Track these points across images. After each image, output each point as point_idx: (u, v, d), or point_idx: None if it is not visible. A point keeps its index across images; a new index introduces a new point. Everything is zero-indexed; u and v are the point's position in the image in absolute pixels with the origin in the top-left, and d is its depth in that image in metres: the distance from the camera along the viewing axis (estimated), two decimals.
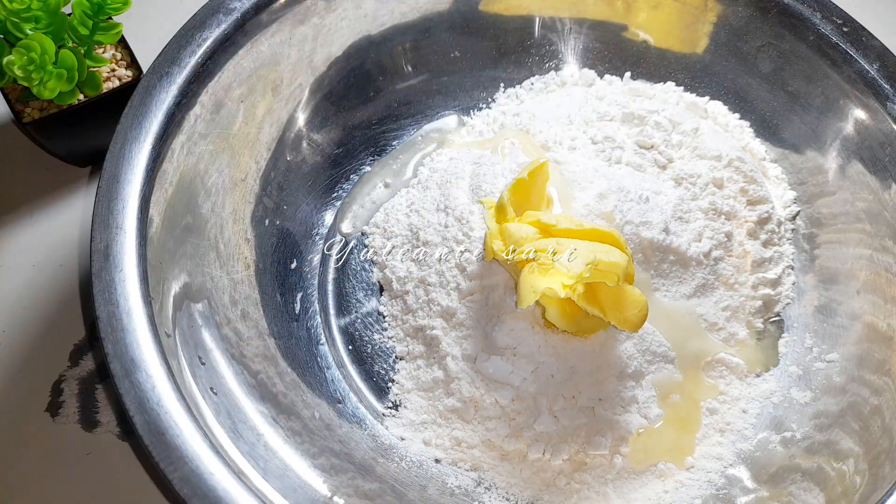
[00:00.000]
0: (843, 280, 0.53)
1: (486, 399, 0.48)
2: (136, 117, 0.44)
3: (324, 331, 0.53)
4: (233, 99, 0.50)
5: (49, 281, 0.55)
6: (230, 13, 0.49)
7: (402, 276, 0.53)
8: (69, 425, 0.50)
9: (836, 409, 0.49)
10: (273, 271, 0.53)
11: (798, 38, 0.56)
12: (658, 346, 0.50)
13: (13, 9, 0.48)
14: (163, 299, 0.41)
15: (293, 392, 0.48)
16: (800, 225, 0.57)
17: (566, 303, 0.46)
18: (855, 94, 0.54)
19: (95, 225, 0.40)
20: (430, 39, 0.61)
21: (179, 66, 0.46)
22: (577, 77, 0.63)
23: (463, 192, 0.54)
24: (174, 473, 0.35)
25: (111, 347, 0.37)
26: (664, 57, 0.62)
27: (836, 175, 0.55)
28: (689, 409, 0.51)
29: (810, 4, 0.56)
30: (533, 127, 0.58)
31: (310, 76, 0.56)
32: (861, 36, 0.54)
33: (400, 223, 0.56)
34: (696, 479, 0.48)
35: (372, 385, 0.52)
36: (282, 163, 0.55)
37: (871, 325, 0.50)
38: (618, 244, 0.46)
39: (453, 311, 0.50)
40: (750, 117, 0.60)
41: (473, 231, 0.51)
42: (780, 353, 0.53)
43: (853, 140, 0.54)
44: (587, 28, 0.62)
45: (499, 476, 0.48)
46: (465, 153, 0.59)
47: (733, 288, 0.53)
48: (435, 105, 0.62)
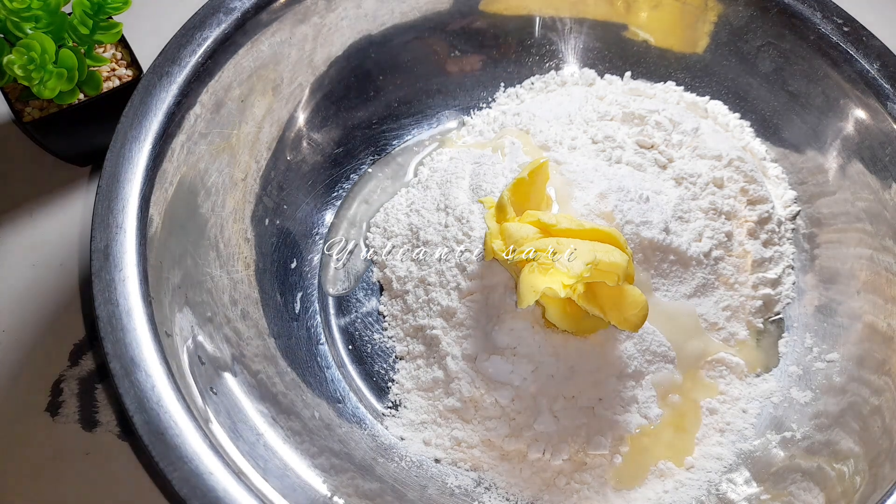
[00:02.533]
0: (844, 280, 0.53)
1: (486, 399, 0.48)
2: (136, 117, 0.44)
3: (324, 330, 0.53)
4: (233, 98, 0.50)
5: (49, 280, 0.55)
6: (230, 13, 0.49)
7: (402, 275, 0.53)
8: (69, 425, 0.50)
9: (836, 410, 0.49)
10: (273, 271, 0.53)
11: (799, 37, 0.56)
12: (658, 345, 0.50)
13: (13, 8, 0.48)
14: (163, 299, 0.41)
15: (293, 392, 0.48)
16: (800, 224, 0.57)
17: (566, 303, 0.46)
18: (855, 93, 0.54)
19: (95, 224, 0.40)
20: (430, 39, 0.61)
21: (180, 65, 0.46)
22: (577, 76, 0.63)
23: (463, 191, 0.54)
24: (174, 473, 0.35)
25: (111, 347, 0.37)
26: (664, 56, 0.62)
27: (837, 175, 0.55)
28: (689, 409, 0.51)
29: (811, 4, 0.56)
30: (533, 127, 0.58)
31: (310, 75, 0.56)
32: (862, 35, 0.54)
33: (400, 223, 0.56)
34: (696, 479, 0.48)
35: (372, 385, 0.52)
36: (282, 162, 0.55)
37: (872, 325, 0.50)
38: (618, 244, 0.46)
39: (453, 311, 0.50)
40: (750, 117, 0.60)
41: (473, 231, 0.51)
42: (780, 353, 0.53)
43: (853, 140, 0.54)
44: (587, 27, 0.62)
45: (499, 476, 0.48)
46: (465, 153, 0.59)
47: (733, 288, 0.53)
48: (435, 104, 0.62)
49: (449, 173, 0.56)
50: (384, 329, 0.54)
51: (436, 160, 0.60)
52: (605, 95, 0.60)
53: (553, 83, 0.63)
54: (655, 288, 0.51)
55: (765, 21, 0.57)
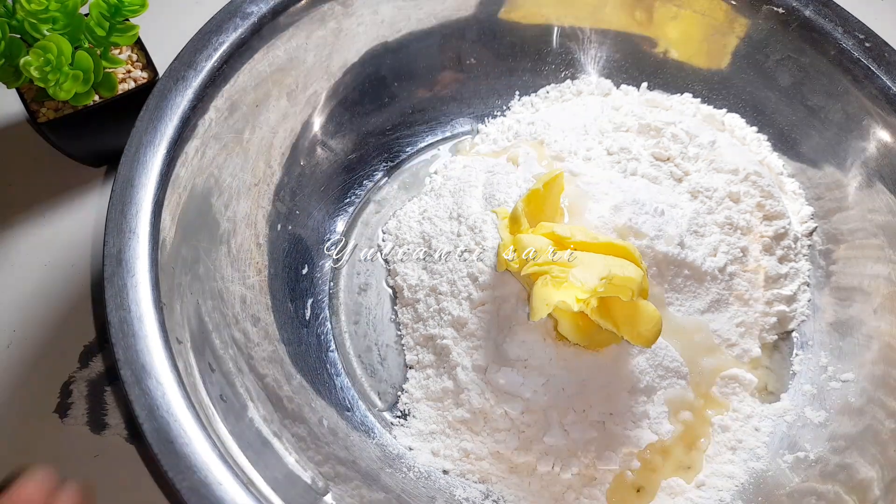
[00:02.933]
0: (860, 298, 0.53)
1: (495, 410, 0.48)
2: (151, 121, 0.43)
3: (334, 337, 0.53)
4: (248, 103, 0.50)
5: (60, 281, 0.55)
6: (247, 17, 0.49)
7: (413, 283, 0.53)
8: (77, 427, 0.50)
9: (852, 431, 0.48)
10: (284, 277, 0.53)
11: (819, 52, 0.55)
12: (671, 361, 0.49)
13: (31, 10, 0.48)
14: (174, 305, 0.41)
15: (301, 398, 0.48)
16: (816, 241, 0.57)
17: (579, 316, 0.46)
18: (876, 110, 0.53)
19: (109, 229, 0.40)
20: (446, 46, 0.60)
21: (195, 69, 0.46)
22: (593, 86, 0.62)
23: (476, 200, 0.54)
24: (183, 483, 0.35)
25: (122, 353, 0.37)
26: (682, 68, 0.61)
27: (854, 191, 0.55)
28: (701, 426, 0.50)
29: (832, 19, 0.55)
30: (548, 137, 0.57)
31: (325, 81, 0.56)
32: (884, 52, 0.53)
33: (412, 230, 0.56)
34: (706, 498, 0.48)
35: (381, 393, 0.51)
36: (295, 168, 0.55)
37: (890, 346, 0.50)
38: (633, 258, 0.46)
39: (464, 321, 0.50)
40: (768, 131, 0.59)
41: (486, 240, 0.51)
42: (795, 371, 0.53)
43: (872, 156, 0.54)
44: (605, 38, 0.62)
45: (507, 489, 0.48)
46: (478, 161, 0.58)
47: (748, 304, 0.53)
48: (450, 112, 0.62)
49: (462, 182, 0.56)
50: (396, 337, 0.53)
51: (449, 168, 0.59)
52: (620, 106, 0.59)
53: (568, 92, 0.62)
54: (669, 302, 0.51)
55: (785, 35, 0.56)
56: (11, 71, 0.50)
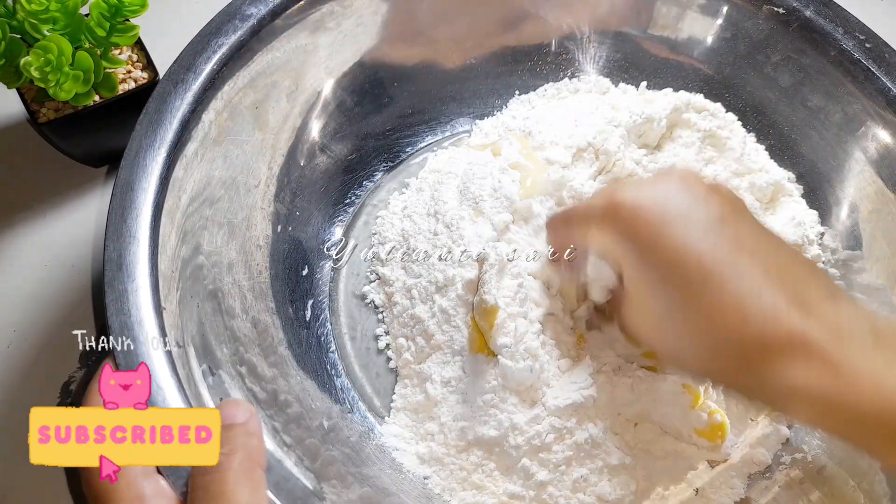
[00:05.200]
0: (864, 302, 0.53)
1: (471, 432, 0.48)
2: (150, 125, 0.43)
3: (334, 338, 0.53)
4: (247, 105, 0.50)
5: (61, 281, 0.55)
6: (246, 19, 0.49)
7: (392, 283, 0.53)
8: None
9: None
10: (284, 278, 0.53)
11: (819, 52, 0.55)
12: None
13: (31, 10, 0.48)
14: (174, 309, 0.41)
15: (302, 399, 0.48)
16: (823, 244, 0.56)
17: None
18: (876, 110, 0.53)
19: (109, 234, 0.39)
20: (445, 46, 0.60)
21: (195, 72, 0.46)
22: (591, 85, 0.62)
23: (452, 193, 0.54)
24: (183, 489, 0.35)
25: (122, 358, 0.37)
26: (682, 68, 0.61)
27: (856, 192, 0.55)
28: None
29: (833, 19, 0.55)
30: (535, 129, 0.56)
31: (324, 83, 0.56)
32: (884, 52, 0.53)
33: (394, 227, 0.55)
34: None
35: (381, 394, 0.52)
36: (295, 169, 0.55)
37: None
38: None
39: (433, 332, 0.50)
40: (768, 132, 0.59)
41: (463, 238, 0.50)
42: None
43: (873, 157, 0.54)
44: (605, 37, 0.62)
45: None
46: (462, 153, 0.58)
47: None
48: (449, 112, 0.62)
49: (443, 174, 0.56)
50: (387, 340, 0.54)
51: (433, 161, 0.59)
52: (618, 104, 0.59)
53: (566, 90, 0.62)
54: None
55: (785, 35, 0.56)
56: (12, 71, 0.50)
